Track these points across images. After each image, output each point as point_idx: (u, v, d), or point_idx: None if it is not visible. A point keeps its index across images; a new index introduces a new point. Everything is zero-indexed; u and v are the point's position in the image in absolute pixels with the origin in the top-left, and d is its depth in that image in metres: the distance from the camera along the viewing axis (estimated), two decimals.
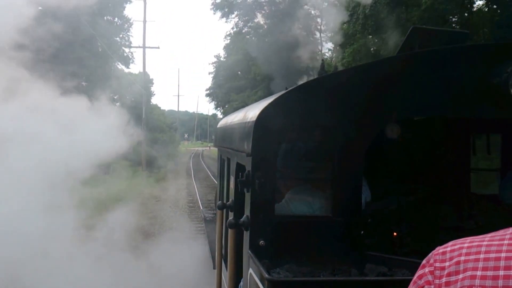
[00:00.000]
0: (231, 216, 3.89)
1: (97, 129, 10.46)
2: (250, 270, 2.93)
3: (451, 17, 17.88)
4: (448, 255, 1.00)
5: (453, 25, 17.41)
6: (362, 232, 3.08)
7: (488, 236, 0.98)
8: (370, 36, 20.43)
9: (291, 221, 3.09)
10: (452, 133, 4.20)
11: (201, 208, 17.39)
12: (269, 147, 2.92)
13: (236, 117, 4.17)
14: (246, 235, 3.09)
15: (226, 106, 49.10)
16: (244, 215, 3.11)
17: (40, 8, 41.20)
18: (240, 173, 3.14)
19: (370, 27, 18.53)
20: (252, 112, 3.28)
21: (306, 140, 3.29)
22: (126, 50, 47.36)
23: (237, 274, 3.50)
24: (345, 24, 20.00)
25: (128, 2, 46.67)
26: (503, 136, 4.28)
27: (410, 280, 1.21)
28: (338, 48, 23.87)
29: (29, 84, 9.79)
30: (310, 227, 3.02)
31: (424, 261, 1.05)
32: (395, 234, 3.49)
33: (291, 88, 3.14)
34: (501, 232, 0.97)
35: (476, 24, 16.77)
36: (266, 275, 2.49)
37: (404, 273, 2.75)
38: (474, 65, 2.97)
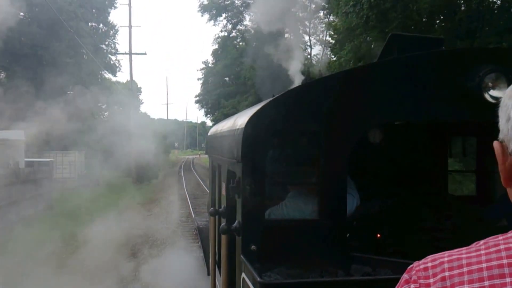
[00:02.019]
0: (223, 222, 4.07)
1: None
2: (243, 275, 3.11)
3: (461, 7, 17.19)
4: (430, 271, 1.00)
5: (461, 16, 16.57)
6: (348, 234, 3.30)
7: (463, 249, 1.01)
8: (365, 34, 19.32)
9: (281, 226, 3.28)
10: (430, 136, 4.46)
11: (193, 216, 17.42)
12: (258, 153, 3.12)
13: (225, 125, 4.37)
14: (238, 241, 3.28)
15: (216, 113, 49.22)
16: (236, 221, 3.29)
17: (21, 14, 40.63)
18: (231, 180, 3.34)
19: (373, 20, 17.44)
20: (240, 120, 3.48)
21: (292, 146, 3.50)
22: (113, 58, 47.23)
23: (231, 279, 3.68)
24: (348, 15, 18.58)
25: (113, 8, 46.58)
26: (478, 138, 4.54)
27: (393, 279, 1.29)
28: (336, 46, 23.21)
29: None
30: (298, 230, 3.21)
31: (405, 276, 1.05)
32: (378, 235, 3.72)
33: (278, 95, 3.36)
34: (473, 245, 1.01)
35: (489, 15, 16.02)
36: (258, 279, 2.68)
37: (387, 272, 2.98)
38: (449, 70, 3.21)
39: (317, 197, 3.27)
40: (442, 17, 17.83)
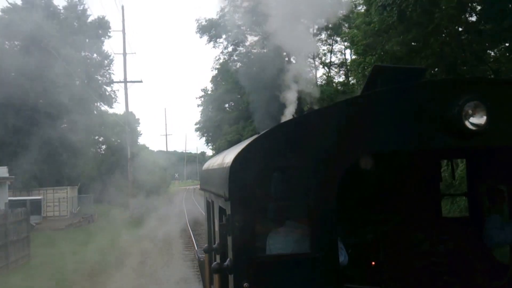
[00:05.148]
0: (217, 258, 4.30)
1: None
2: None
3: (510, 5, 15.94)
4: None
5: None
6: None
7: None
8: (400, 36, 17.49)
9: (272, 261, 3.51)
10: (420, 162, 4.74)
11: (196, 249, 17.44)
12: (246, 191, 3.36)
13: (216, 162, 4.67)
14: (231, 279, 3.50)
15: (219, 140, 49.52)
16: (228, 259, 3.53)
17: (6, 43, 41.10)
18: (223, 217, 3.59)
19: (415, 16, 15.68)
20: (228, 158, 3.77)
21: (281, 181, 3.76)
22: (108, 89, 47.78)
23: None
24: (386, 8, 16.57)
25: (107, 37, 47.55)
26: (467, 162, 4.83)
27: None
28: (363, 55, 22.38)
29: None
30: (291, 265, 3.43)
31: None
32: (373, 263, 3.96)
33: (263, 132, 3.65)
34: None
35: None
36: None
37: None
38: (431, 100, 3.52)
39: (308, 231, 3.50)
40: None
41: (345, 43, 34.61)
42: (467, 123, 3.42)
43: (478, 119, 3.42)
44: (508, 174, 4.20)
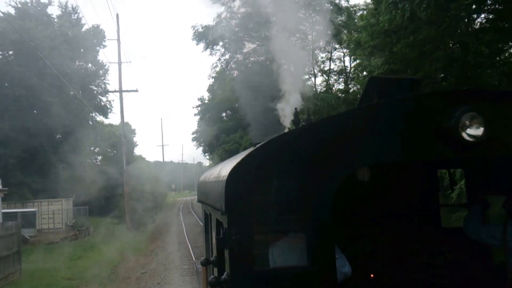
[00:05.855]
0: (215, 271, 4.34)
1: None
2: None
3: None
4: None
5: None
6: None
7: None
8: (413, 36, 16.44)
9: (270, 275, 3.55)
10: (418, 173, 4.81)
11: (193, 259, 17.40)
12: (242, 204, 3.41)
13: (212, 174, 4.72)
14: None
15: (216, 150, 49.51)
16: (225, 273, 3.57)
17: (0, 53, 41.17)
18: (220, 230, 3.63)
19: (429, 14, 14.75)
20: (224, 170, 3.82)
21: (277, 194, 3.82)
22: (104, 99, 47.73)
23: None
24: (397, 5, 15.51)
25: (102, 47, 47.64)
26: (465, 172, 4.90)
27: None
28: (366, 61, 21.46)
29: None
30: (288, 278, 3.47)
31: None
32: (372, 275, 4.00)
33: (259, 145, 3.70)
34: None
35: None
36: None
37: None
38: (428, 112, 3.59)
39: (305, 244, 3.55)
40: None
41: (345, 50, 34.78)
42: (464, 135, 3.49)
43: (475, 130, 3.48)
44: (506, 184, 4.27)
